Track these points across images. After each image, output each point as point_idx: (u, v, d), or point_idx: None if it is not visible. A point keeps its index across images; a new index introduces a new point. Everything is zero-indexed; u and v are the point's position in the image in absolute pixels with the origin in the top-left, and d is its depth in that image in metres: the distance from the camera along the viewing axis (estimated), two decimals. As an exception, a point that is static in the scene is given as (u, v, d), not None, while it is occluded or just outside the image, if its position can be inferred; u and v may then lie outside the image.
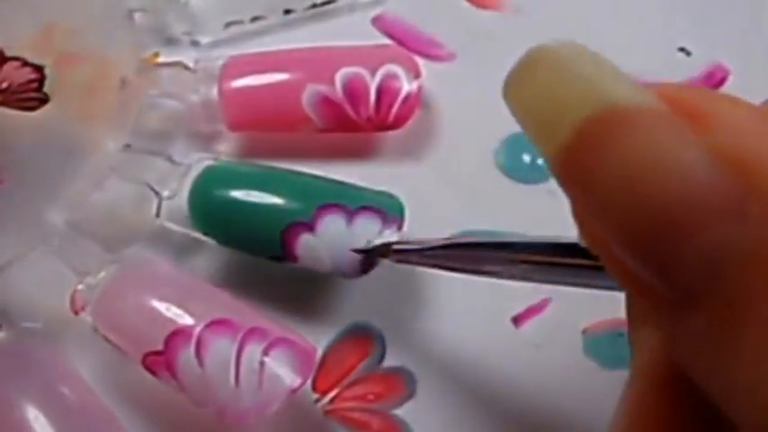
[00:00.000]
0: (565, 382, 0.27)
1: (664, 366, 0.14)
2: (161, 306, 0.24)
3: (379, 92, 0.28)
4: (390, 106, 0.28)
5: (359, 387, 0.27)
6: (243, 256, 0.27)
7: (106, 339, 0.25)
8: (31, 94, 0.26)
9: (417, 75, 0.29)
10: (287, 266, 0.26)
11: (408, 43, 0.32)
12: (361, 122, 0.29)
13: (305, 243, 0.25)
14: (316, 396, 0.27)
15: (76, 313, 0.26)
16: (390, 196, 0.27)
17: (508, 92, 0.14)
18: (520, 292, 0.29)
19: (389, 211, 0.26)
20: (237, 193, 0.26)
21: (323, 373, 0.27)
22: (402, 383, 0.27)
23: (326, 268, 0.26)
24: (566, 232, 0.29)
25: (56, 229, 0.27)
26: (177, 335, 0.24)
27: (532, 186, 0.30)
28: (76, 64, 0.28)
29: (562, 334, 0.28)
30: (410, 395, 0.27)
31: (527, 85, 0.14)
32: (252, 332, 0.24)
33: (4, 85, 0.25)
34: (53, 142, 0.27)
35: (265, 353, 0.24)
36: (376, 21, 0.33)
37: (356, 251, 0.25)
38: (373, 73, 0.28)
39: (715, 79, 0.32)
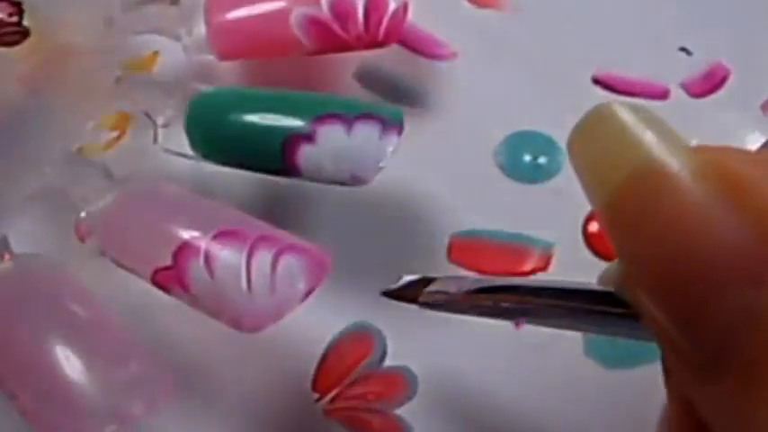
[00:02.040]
0: (565, 382, 0.27)
1: (692, 418, 0.14)
2: (167, 222, 0.24)
3: (367, 9, 0.28)
4: (379, 22, 0.28)
5: (359, 386, 0.27)
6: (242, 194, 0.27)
7: (114, 262, 0.25)
8: (12, 29, 0.25)
9: None
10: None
11: (409, 42, 0.32)
12: (352, 41, 0.28)
13: (306, 154, 0.25)
14: (316, 395, 0.27)
15: (82, 240, 0.25)
16: (388, 107, 0.27)
17: (570, 143, 0.15)
18: (520, 291, 0.29)
19: (389, 117, 0.26)
20: (234, 113, 0.26)
21: (323, 372, 0.27)
22: (403, 383, 0.27)
23: (330, 178, 0.26)
24: (565, 232, 0.30)
25: (55, 159, 0.27)
26: (185, 248, 0.23)
27: (533, 186, 0.30)
28: None
29: (562, 334, 0.28)
30: (411, 395, 0.27)
31: (585, 140, 0.15)
32: (261, 239, 0.24)
33: None
34: (46, 76, 0.27)
35: (276, 259, 0.23)
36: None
37: (386, 294, 0.25)
38: None
39: (715, 79, 0.32)
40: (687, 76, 0.32)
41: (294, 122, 0.25)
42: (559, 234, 0.29)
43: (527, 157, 0.30)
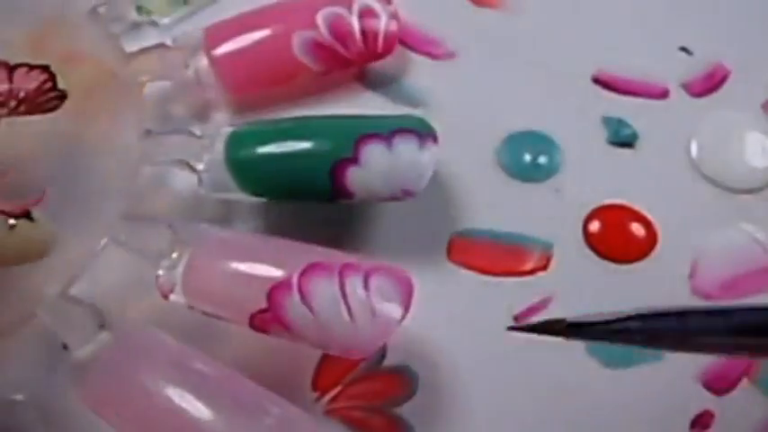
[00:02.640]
0: (565, 382, 0.27)
1: None
2: (249, 266, 0.24)
3: (362, 25, 0.29)
4: (376, 36, 0.30)
5: (359, 386, 0.27)
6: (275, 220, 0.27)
7: (205, 313, 0.25)
8: (50, 95, 0.26)
9: (388, 0, 0.30)
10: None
11: (408, 42, 0.32)
12: (354, 57, 0.30)
13: (355, 176, 0.26)
14: (316, 395, 0.27)
15: (166, 297, 0.25)
16: (411, 116, 0.27)
17: None
18: (520, 291, 0.29)
19: (421, 128, 0.26)
20: (275, 147, 0.26)
21: (323, 371, 0.27)
22: (403, 382, 0.27)
23: (381, 196, 0.26)
24: (565, 231, 0.30)
25: (116, 225, 0.26)
26: (278, 288, 0.24)
27: (533, 185, 0.30)
28: (75, 62, 0.28)
29: (562, 333, 0.28)
30: (411, 394, 0.27)
31: None
32: (346, 267, 0.24)
33: (22, 94, 0.25)
34: (75, 144, 0.27)
35: (366, 283, 0.24)
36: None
37: (516, 329, 0.25)
38: (350, 9, 0.29)
39: (715, 79, 0.32)
40: (687, 76, 0.32)
41: (337, 148, 0.26)
42: (559, 234, 0.29)
43: (527, 157, 0.30)
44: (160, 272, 0.25)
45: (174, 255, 0.25)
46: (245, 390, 0.24)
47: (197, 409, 0.23)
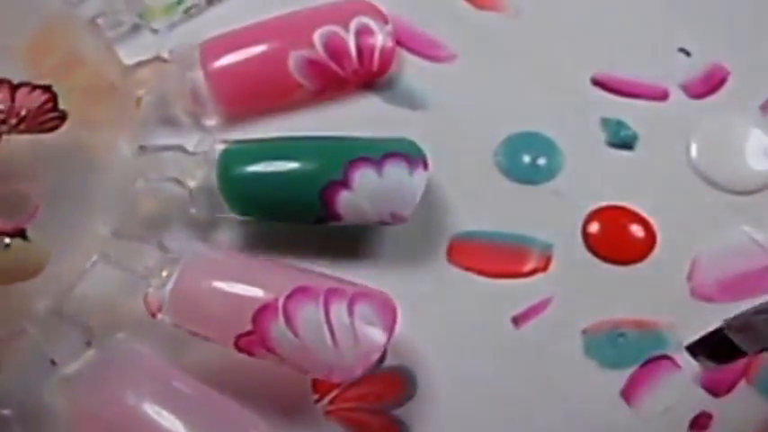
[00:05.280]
0: (565, 382, 0.28)
1: None
2: (235, 288, 0.25)
3: (358, 45, 0.30)
4: (371, 57, 0.30)
5: (359, 387, 0.27)
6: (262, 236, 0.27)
7: (191, 333, 0.25)
8: (50, 115, 0.26)
9: (385, 20, 0.30)
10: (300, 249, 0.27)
11: (409, 44, 0.32)
12: (349, 77, 0.30)
13: (345, 200, 0.26)
14: (316, 396, 0.27)
15: (154, 315, 0.25)
16: (402, 139, 0.27)
17: None
18: (520, 293, 0.29)
19: (411, 152, 0.27)
20: (265, 167, 0.26)
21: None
22: (402, 383, 0.27)
23: (370, 219, 0.26)
24: (564, 233, 0.30)
25: (106, 242, 0.27)
26: (263, 311, 0.24)
27: (532, 187, 0.30)
28: (73, 70, 0.28)
29: (562, 334, 0.28)
30: (410, 395, 0.27)
31: None
32: (331, 293, 0.24)
33: (23, 112, 0.25)
34: (73, 157, 0.27)
35: (351, 309, 0.24)
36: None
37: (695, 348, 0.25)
38: (346, 28, 0.29)
39: (714, 80, 0.32)
40: (687, 77, 0.32)
41: (327, 170, 0.26)
42: (559, 234, 0.29)
43: (526, 158, 0.30)
44: (149, 290, 0.25)
45: (164, 273, 0.25)
46: (225, 410, 0.24)
47: (177, 428, 0.23)
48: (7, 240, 0.23)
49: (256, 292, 0.24)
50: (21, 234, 0.23)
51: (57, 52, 0.28)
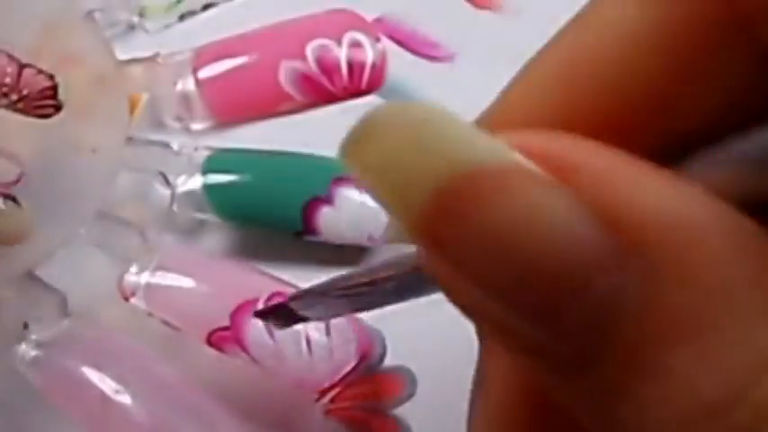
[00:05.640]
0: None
1: (529, 401, 0.14)
2: (217, 283, 0.25)
3: (349, 61, 0.30)
4: (362, 73, 0.30)
5: (359, 386, 0.27)
6: (243, 240, 0.28)
7: (164, 322, 0.25)
8: (48, 102, 0.26)
9: (377, 38, 0.30)
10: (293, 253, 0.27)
11: (408, 44, 0.32)
12: (339, 92, 0.30)
13: (325, 217, 0.26)
14: (316, 395, 0.27)
15: (127, 299, 0.25)
16: None
17: (348, 155, 0.12)
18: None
19: None
20: (251, 178, 0.27)
21: (323, 372, 0.27)
22: (402, 383, 0.27)
23: (347, 239, 0.27)
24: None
25: (89, 221, 0.26)
26: (243, 309, 0.24)
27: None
28: (72, 66, 0.28)
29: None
30: (410, 395, 0.27)
31: (372, 150, 0.12)
32: None
33: (25, 92, 0.25)
34: (60, 144, 0.27)
35: (328, 325, 0.24)
36: (376, 22, 0.33)
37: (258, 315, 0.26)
38: (339, 43, 0.30)
39: (713, 80, 0.32)
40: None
41: (313, 186, 0.26)
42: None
43: (526, 158, 0.30)
44: (126, 274, 0.25)
45: (143, 259, 0.25)
46: (197, 401, 0.24)
47: (143, 409, 0.23)
48: (1, 202, 0.23)
49: (238, 290, 0.24)
50: (12, 198, 0.23)
51: (54, 50, 0.28)
